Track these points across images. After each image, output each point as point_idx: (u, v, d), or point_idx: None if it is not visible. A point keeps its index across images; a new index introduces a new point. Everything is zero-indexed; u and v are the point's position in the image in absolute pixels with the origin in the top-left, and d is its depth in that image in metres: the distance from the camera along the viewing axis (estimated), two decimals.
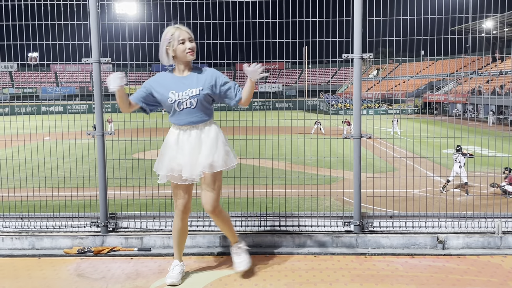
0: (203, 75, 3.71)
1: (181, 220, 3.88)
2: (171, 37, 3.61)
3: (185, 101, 3.64)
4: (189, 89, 3.64)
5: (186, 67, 3.72)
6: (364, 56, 4.51)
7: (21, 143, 5.62)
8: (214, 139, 3.70)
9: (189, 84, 3.66)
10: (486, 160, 15.60)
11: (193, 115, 3.67)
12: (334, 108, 51.38)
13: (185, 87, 3.65)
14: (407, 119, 26.60)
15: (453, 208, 5.39)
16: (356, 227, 4.63)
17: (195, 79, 3.68)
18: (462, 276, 3.91)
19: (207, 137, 3.69)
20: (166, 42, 3.63)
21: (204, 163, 3.65)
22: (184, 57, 3.64)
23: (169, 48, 3.63)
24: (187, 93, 3.64)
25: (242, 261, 3.95)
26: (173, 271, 3.84)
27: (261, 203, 5.14)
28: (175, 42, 3.60)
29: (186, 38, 3.61)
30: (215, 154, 3.67)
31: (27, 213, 4.92)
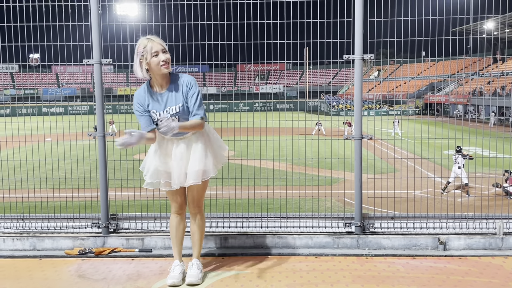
0: (179, 87, 3.61)
1: (176, 221, 3.91)
2: (143, 50, 3.49)
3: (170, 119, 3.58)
4: (169, 107, 3.60)
5: (163, 80, 3.62)
6: (365, 57, 4.51)
7: (22, 144, 5.62)
8: (203, 149, 3.67)
9: (168, 102, 3.60)
10: (487, 161, 15.59)
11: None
12: (335, 109, 51.36)
13: (165, 105, 3.60)
14: (408, 120, 26.57)
15: (454, 209, 5.39)
16: (357, 228, 4.63)
17: (174, 95, 3.60)
18: (463, 277, 3.90)
19: (196, 147, 3.66)
20: (139, 55, 3.51)
21: (195, 172, 3.62)
22: (159, 70, 3.53)
23: (143, 61, 3.51)
24: (167, 111, 3.60)
25: (196, 274, 3.82)
26: (174, 271, 3.84)
27: (262, 204, 5.15)
28: (148, 55, 3.48)
29: (159, 50, 3.49)
30: (205, 163, 3.66)
31: (28, 214, 4.93)
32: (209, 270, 4.08)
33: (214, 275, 3.98)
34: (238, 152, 6.66)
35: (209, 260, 4.33)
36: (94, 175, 4.95)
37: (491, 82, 45.49)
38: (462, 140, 6.03)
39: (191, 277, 3.80)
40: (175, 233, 3.95)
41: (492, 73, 48.94)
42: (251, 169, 5.06)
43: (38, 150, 6.26)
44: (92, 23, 4.53)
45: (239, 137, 5.51)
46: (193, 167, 3.64)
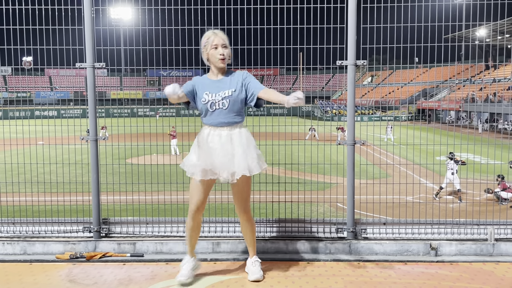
0: (235, 77, 3.81)
1: (193, 219, 3.90)
2: (206, 41, 3.76)
3: (217, 102, 3.73)
4: (222, 91, 3.75)
5: (219, 71, 3.82)
6: (358, 63, 4.54)
7: (14, 148, 5.59)
8: (246, 142, 3.76)
9: (222, 87, 3.77)
10: (479, 167, 15.68)
11: (224, 115, 3.74)
12: (329, 114, 51.49)
13: (219, 89, 3.76)
14: (400, 126, 26.70)
15: (446, 215, 5.42)
16: (349, 234, 4.63)
17: (228, 82, 3.79)
18: (454, 283, 3.92)
19: (239, 139, 3.74)
20: (203, 45, 3.79)
21: (241, 166, 3.69)
22: (215, 62, 3.76)
23: (204, 52, 3.79)
24: (220, 94, 3.74)
25: (257, 272, 3.96)
26: (183, 268, 3.90)
27: (254, 209, 5.13)
28: (209, 46, 3.75)
29: (219, 44, 3.73)
30: (249, 157, 3.72)
31: (19, 218, 4.89)
32: (201, 275, 4.06)
33: (206, 280, 3.96)
34: None
35: (202, 265, 4.31)
36: (86, 179, 4.92)
37: (483, 89, 45.82)
38: (454, 146, 6.06)
39: (254, 274, 3.94)
40: (189, 232, 3.97)
41: (484, 80, 49.29)
42: None
43: (30, 153, 6.22)
44: (85, 26, 4.52)
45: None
46: (240, 160, 3.69)
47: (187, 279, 3.85)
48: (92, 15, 4.54)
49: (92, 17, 4.54)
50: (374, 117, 45.68)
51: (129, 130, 5.59)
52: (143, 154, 8.55)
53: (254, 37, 4.85)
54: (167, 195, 5.21)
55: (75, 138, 5.27)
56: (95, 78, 4.67)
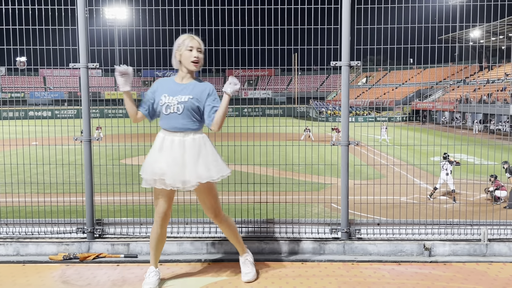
0: (199, 86, 3.72)
1: (160, 227, 3.85)
2: (181, 42, 3.70)
3: (173, 106, 3.67)
4: (179, 96, 3.67)
5: (187, 75, 3.75)
6: (352, 63, 4.54)
7: (7, 148, 5.56)
8: (197, 149, 3.67)
9: (182, 91, 3.69)
10: (473, 167, 15.75)
11: (178, 121, 3.67)
12: (323, 115, 51.58)
13: (177, 93, 3.69)
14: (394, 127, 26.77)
15: (439, 215, 5.44)
16: (344, 234, 4.64)
17: (190, 88, 3.71)
18: (448, 283, 3.93)
19: (191, 146, 3.66)
20: (176, 46, 3.73)
21: (192, 175, 3.62)
22: (188, 65, 3.70)
23: (177, 52, 3.72)
24: (177, 98, 3.67)
25: (249, 272, 3.95)
26: (150, 277, 3.82)
27: (249, 210, 5.14)
28: (183, 47, 3.68)
29: (194, 47, 3.68)
30: (201, 165, 3.64)
31: (12, 219, 4.86)
32: (195, 276, 4.06)
33: (200, 281, 3.96)
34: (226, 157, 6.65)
35: (195, 265, 4.31)
36: (80, 180, 4.90)
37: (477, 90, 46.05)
38: (447, 146, 6.09)
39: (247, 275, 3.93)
40: (155, 244, 3.89)
41: (478, 81, 49.54)
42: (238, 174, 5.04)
43: (23, 154, 6.19)
44: (79, 26, 4.51)
45: (226, 143, 5.50)
46: (190, 168, 3.62)
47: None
48: (86, 15, 4.53)
49: (86, 17, 4.53)
50: (369, 118, 45.82)
51: (123, 130, 5.58)
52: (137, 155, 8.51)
53: (249, 37, 4.84)
54: None
55: (69, 138, 5.25)
56: (89, 79, 4.65)
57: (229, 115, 4.37)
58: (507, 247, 4.54)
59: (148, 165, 3.72)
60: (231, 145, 5.49)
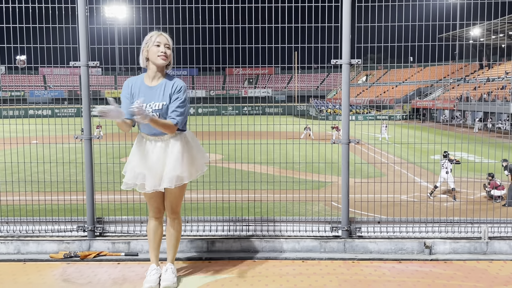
0: (169, 87, 3.64)
1: (153, 226, 3.87)
2: (149, 39, 3.65)
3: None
4: (153, 102, 3.60)
5: (158, 72, 3.67)
6: (352, 62, 4.54)
7: (7, 147, 5.56)
8: (180, 153, 3.63)
9: (154, 96, 3.62)
10: (473, 166, 15.74)
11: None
12: (323, 113, 51.56)
13: (150, 99, 3.61)
14: (394, 125, 26.77)
15: (440, 213, 5.44)
16: (344, 232, 4.64)
17: (162, 92, 3.63)
18: (448, 281, 3.93)
19: (172, 151, 3.64)
20: (144, 43, 3.67)
21: (170, 177, 3.60)
22: (155, 59, 3.61)
23: (145, 49, 3.66)
24: (151, 105, 3.60)
25: (171, 279, 3.81)
26: (151, 275, 3.82)
27: (249, 208, 5.15)
28: (151, 43, 3.62)
29: (162, 43, 3.62)
30: (180, 168, 3.62)
31: (13, 217, 4.87)
32: (195, 274, 4.06)
33: (200, 279, 3.96)
34: (226, 156, 6.66)
35: (195, 264, 4.31)
36: (80, 178, 4.90)
37: (477, 88, 46.03)
38: (447, 145, 6.09)
39: (166, 281, 3.78)
40: (153, 237, 3.90)
41: (478, 79, 49.50)
42: (238, 173, 5.06)
43: (23, 152, 6.19)
44: (79, 25, 4.51)
45: (227, 141, 5.51)
46: (168, 172, 3.61)
47: (156, 286, 3.76)
48: (86, 14, 4.52)
49: (86, 15, 4.53)
50: (369, 116, 45.78)
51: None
52: None
53: (249, 36, 4.84)
54: None
55: (69, 137, 5.25)
56: (89, 77, 4.65)
57: (229, 113, 4.38)
58: (507, 245, 4.54)
59: (130, 169, 3.72)
60: (232, 143, 5.49)
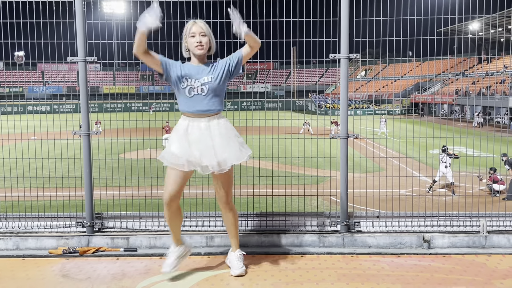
0: (216, 65, 3.78)
1: (169, 209, 3.82)
2: (186, 30, 3.75)
3: (196, 87, 3.70)
4: (202, 77, 3.71)
5: (200, 61, 3.78)
6: (351, 56, 4.53)
7: (6, 143, 5.55)
8: (225, 132, 3.73)
9: (202, 72, 3.74)
10: (472, 160, 15.77)
11: (202, 102, 3.70)
12: (322, 108, 51.55)
13: (198, 75, 3.72)
14: (393, 120, 26.76)
15: (438, 207, 5.44)
16: (343, 227, 4.65)
17: (210, 69, 3.76)
18: (447, 275, 3.94)
19: (218, 130, 3.71)
20: (184, 35, 3.79)
21: (220, 158, 3.66)
22: (193, 49, 3.73)
23: (184, 41, 3.79)
24: (199, 80, 3.70)
25: (241, 267, 3.94)
26: (169, 258, 3.90)
27: (248, 203, 5.15)
28: (187, 35, 3.73)
29: (196, 32, 3.70)
30: (230, 149, 3.70)
31: (12, 213, 4.87)
32: (194, 269, 4.07)
33: (200, 274, 3.97)
34: None
35: (194, 259, 4.31)
36: (79, 174, 4.90)
37: (476, 82, 46.02)
38: (446, 139, 6.10)
39: (236, 269, 3.91)
40: (169, 222, 3.91)
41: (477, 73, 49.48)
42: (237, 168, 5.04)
43: (22, 148, 6.19)
44: (76, 20, 4.49)
45: None
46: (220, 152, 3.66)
47: (172, 269, 3.83)
48: (84, 9, 4.51)
49: (84, 11, 4.51)
50: (368, 111, 45.78)
51: (122, 125, 5.57)
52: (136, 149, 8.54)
53: None
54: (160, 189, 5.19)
55: (67, 133, 5.24)
56: (87, 73, 4.64)
57: (228, 109, 4.38)
58: (506, 238, 4.55)
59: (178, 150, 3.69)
60: None
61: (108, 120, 5.39)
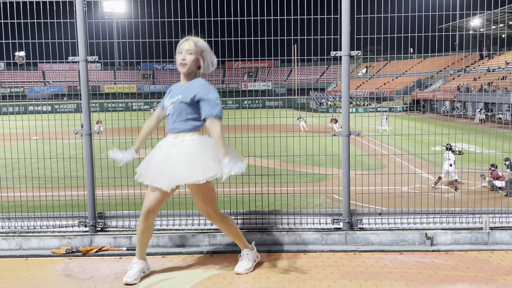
0: (190, 85, 3.65)
1: (142, 222, 3.77)
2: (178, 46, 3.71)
3: (168, 107, 3.69)
4: (173, 97, 3.68)
5: (186, 79, 3.72)
6: (352, 53, 4.52)
7: (8, 143, 5.56)
8: (184, 150, 3.58)
9: (176, 92, 3.69)
10: (474, 156, 15.75)
11: (171, 121, 3.67)
12: (324, 106, 51.50)
13: (175, 94, 3.68)
14: (395, 117, 26.74)
15: (441, 204, 5.43)
16: (345, 224, 4.64)
17: (182, 88, 3.68)
18: (450, 272, 3.94)
19: (177, 148, 3.60)
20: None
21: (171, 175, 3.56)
22: (178, 67, 3.69)
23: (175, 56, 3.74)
24: (171, 100, 3.68)
25: (243, 265, 3.93)
26: (131, 269, 3.81)
27: (250, 201, 5.14)
28: (177, 51, 3.69)
29: (183, 49, 3.64)
30: (183, 166, 3.54)
31: (14, 213, 4.87)
32: (197, 268, 4.07)
33: (203, 272, 3.97)
34: None
35: (197, 257, 4.32)
36: (81, 174, 4.90)
37: (478, 79, 45.94)
38: (448, 135, 6.08)
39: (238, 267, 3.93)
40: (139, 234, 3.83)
41: (479, 70, 49.39)
42: None
43: (24, 148, 6.19)
44: (77, 20, 4.49)
45: (227, 135, 5.48)
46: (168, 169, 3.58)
47: (134, 280, 3.74)
48: (84, 9, 4.50)
49: (84, 10, 4.51)
50: (369, 108, 45.74)
51: (124, 124, 5.56)
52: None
53: (248, 28, 4.81)
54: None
55: (69, 132, 5.24)
56: (88, 72, 4.64)
57: (229, 107, 4.37)
58: (509, 235, 4.54)
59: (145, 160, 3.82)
60: (232, 137, 5.47)
61: (109, 120, 5.39)
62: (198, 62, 3.66)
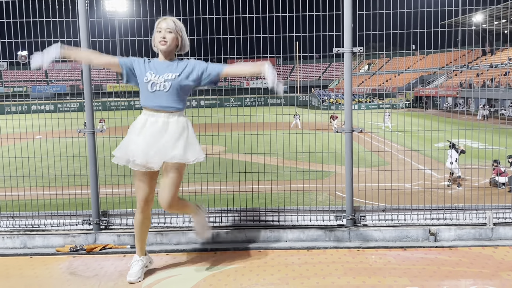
0: (183, 63, 3.70)
1: (140, 213, 3.80)
2: (155, 25, 3.71)
3: (159, 83, 3.63)
4: (166, 74, 3.65)
5: (166, 57, 3.72)
6: (354, 50, 4.52)
7: (11, 142, 5.57)
8: (179, 130, 3.63)
9: (167, 69, 3.67)
10: (477, 152, 15.73)
11: (163, 99, 3.62)
12: (326, 103, 51.44)
13: (163, 71, 3.66)
14: (397, 113, 26.69)
15: (444, 200, 5.43)
16: (349, 221, 4.65)
17: (175, 66, 3.69)
18: (454, 267, 3.94)
19: (173, 127, 3.62)
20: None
21: (164, 153, 3.57)
22: (157, 45, 3.67)
23: (153, 36, 3.72)
24: (163, 76, 3.64)
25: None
26: (132, 267, 3.83)
27: (253, 199, 5.15)
28: (155, 30, 3.69)
29: (163, 28, 3.64)
30: (178, 145, 3.59)
31: (19, 212, 4.89)
32: (201, 265, 4.08)
33: (207, 270, 3.98)
34: (229, 147, 6.67)
35: (201, 255, 4.33)
36: (85, 172, 4.92)
37: (480, 75, 45.80)
38: (451, 132, 6.08)
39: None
40: (137, 229, 3.86)
41: (481, 66, 49.21)
42: (242, 164, 5.05)
43: (27, 147, 6.21)
44: (79, 18, 4.49)
45: (230, 132, 5.50)
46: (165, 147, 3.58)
47: (138, 279, 3.76)
48: (86, 8, 4.51)
49: (86, 9, 4.51)
50: (372, 105, 45.65)
51: (127, 122, 5.56)
52: None
53: (250, 26, 4.81)
54: None
55: (72, 131, 5.26)
56: (91, 71, 4.65)
57: (231, 105, 4.38)
58: None
59: (123, 143, 3.71)
60: (235, 134, 5.49)
61: (112, 118, 5.40)
62: (176, 40, 3.69)
